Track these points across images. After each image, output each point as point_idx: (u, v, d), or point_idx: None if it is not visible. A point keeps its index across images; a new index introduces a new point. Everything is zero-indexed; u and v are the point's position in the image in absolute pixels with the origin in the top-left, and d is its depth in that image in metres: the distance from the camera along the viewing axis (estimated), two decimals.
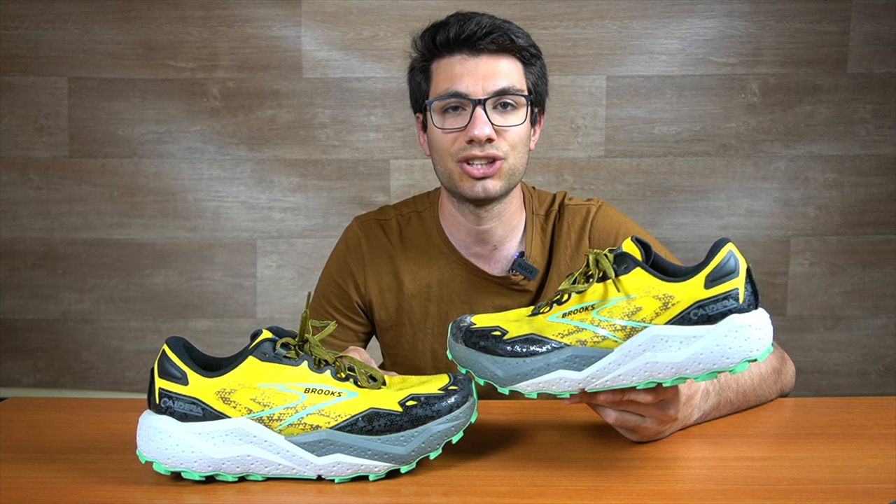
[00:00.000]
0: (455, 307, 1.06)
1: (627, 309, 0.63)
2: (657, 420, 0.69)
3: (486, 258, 1.06)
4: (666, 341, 0.62)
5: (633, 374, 0.63)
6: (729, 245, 0.62)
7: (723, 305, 0.61)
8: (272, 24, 2.10)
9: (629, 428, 0.70)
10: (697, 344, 0.61)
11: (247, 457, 0.63)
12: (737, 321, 0.60)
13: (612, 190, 2.14)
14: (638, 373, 0.63)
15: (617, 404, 0.67)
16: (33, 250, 2.16)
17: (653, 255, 0.66)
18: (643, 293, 0.63)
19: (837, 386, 2.18)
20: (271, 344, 0.64)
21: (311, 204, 2.16)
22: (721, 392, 0.78)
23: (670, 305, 0.62)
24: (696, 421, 0.76)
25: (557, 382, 0.64)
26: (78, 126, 2.13)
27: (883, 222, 2.15)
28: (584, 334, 0.64)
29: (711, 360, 0.61)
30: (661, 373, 0.62)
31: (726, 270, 0.61)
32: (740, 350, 0.60)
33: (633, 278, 0.64)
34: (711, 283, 0.61)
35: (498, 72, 0.96)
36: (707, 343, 0.61)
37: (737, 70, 2.11)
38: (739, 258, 0.62)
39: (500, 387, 0.66)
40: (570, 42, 2.10)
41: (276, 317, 2.17)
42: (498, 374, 0.65)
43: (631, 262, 0.64)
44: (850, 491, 0.61)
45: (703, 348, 0.61)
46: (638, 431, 0.70)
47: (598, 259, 0.66)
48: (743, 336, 0.60)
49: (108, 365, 2.18)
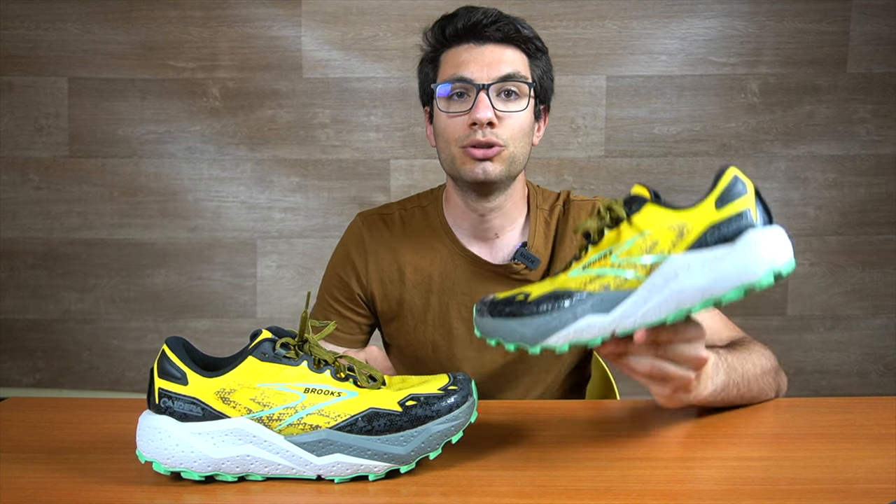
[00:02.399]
0: (456, 298, 1.07)
1: (644, 245, 0.63)
2: (689, 364, 0.68)
3: (489, 247, 1.07)
4: (688, 268, 0.61)
5: (661, 308, 0.62)
6: (732, 169, 0.62)
7: (737, 225, 0.61)
8: (272, 24, 2.10)
9: (663, 377, 0.69)
10: (720, 264, 0.60)
11: (246, 457, 0.63)
12: (755, 235, 0.60)
13: (612, 190, 2.14)
14: (666, 305, 0.62)
15: (651, 347, 0.66)
16: (33, 250, 2.16)
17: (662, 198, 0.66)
18: (657, 227, 0.63)
19: (837, 386, 2.18)
20: (271, 344, 0.64)
21: (311, 204, 2.16)
22: (729, 372, 0.78)
23: (685, 233, 0.62)
24: (710, 395, 0.75)
25: (587, 329, 0.63)
26: (78, 126, 2.13)
27: (883, 222, 2.15)
28: (606, 279, 0.63)
29: (736, 275, 0.60)
30: (689, 299, 0.61)
31: (735, 192, 0.62)
32: (763, 262, 0.59)
33: (644, 215, 0.64)
34: (722, 205, 0.61)
35: (503, 59, 0.99)
36: (729, 261, 0.60)
37: (737, 70, 2.11)
38: (745, 180, 0.62)
39: (530, 346, 0.65)
40: (570, 42, 2.10)
41: (276, 317, 2.17)
42: (526, 333, 0.64)
43: (640, 201, 0.65)
44: (850, 491, 0.61)
45: (727, 267, 0.60)
46: (671, 380, 0.69)
47: (610, 206, 0.66)
48: (764, 247, 0.60)
49: (108, 365, 2.18)
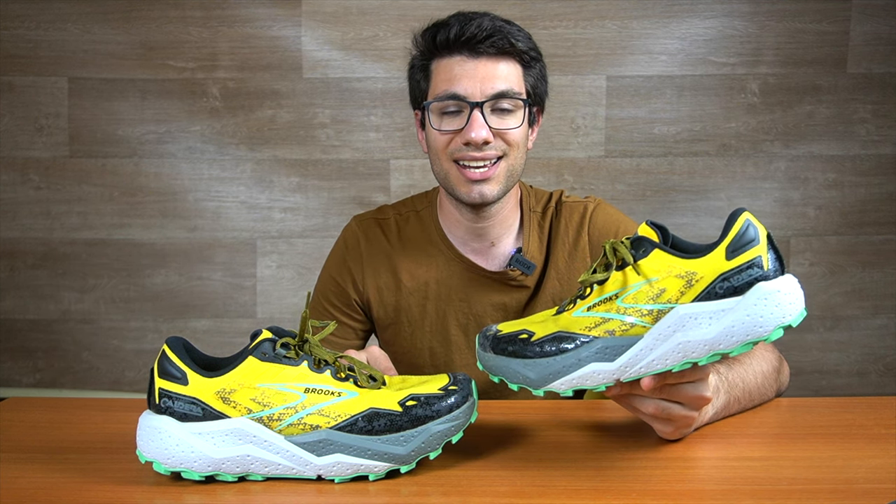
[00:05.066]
0: (453, 305, 1.06)
1: (651, 292, 0.62)
2: (693, 405, 0.68)
3: (484, 255, 1.07)
4: (695, 319, 0.60)
5: (666, 358, 0.61)
6: (745, 214, 0.61)
7: (748, 275, 0.59)
8: (272, 24, 2.10)
9: (667, 417, 0.68)
10: (728, 317, 0.59)
11: (247, 457, 0.63)
12: (765, 288, 0.59)
13: (612, 190, 2.14)
14: (672, 355, 0.61)
15: (657, 391, 0.66)
16: (33, 250, 2.16)
17: (671, 236, 0.65)
18: (665, 274, 0.61)
19: (837, 386, 2.18)
20: (271, 344, 0.64)
21: (311, 204, 2.16)
22: (730, 390, 0.78)
23: (694, 282, 0.60)
24: (710, 419, 0.76)
25: (591, 377, 0.62)
26: (78, 126, 2.13)
27: (883, 222, 2.15)
28: (611, 324, 0.62)
29: (744, 331, 0.59)
30: (696, 352, 0.60)
31: (746, 239, 0.60)
32: (772, 317, 0.58)
33: (652, 261, 0.62)
34: (733, 254, 0.60)
35: (497, 75, 0.96)
36: (737, 315, 0.59)
37: (737, 70, 2.11)
38: (758, 226, 0.61)
39: (533, 389, 0.64)
40: (570, 42, 2.10)
41: (276, 317, 2.17)
42: (530, 376, 0.64)
43: (649, 245, 0.63)
44: (850, 491, 0.61)
45: (735, 321, 0.59)
46: (675, 420, 0.69)
47: (616, 247, 0.65)
48: (774, 303, 0.58)
49: (108, 365, 2.18)
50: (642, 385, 0.63)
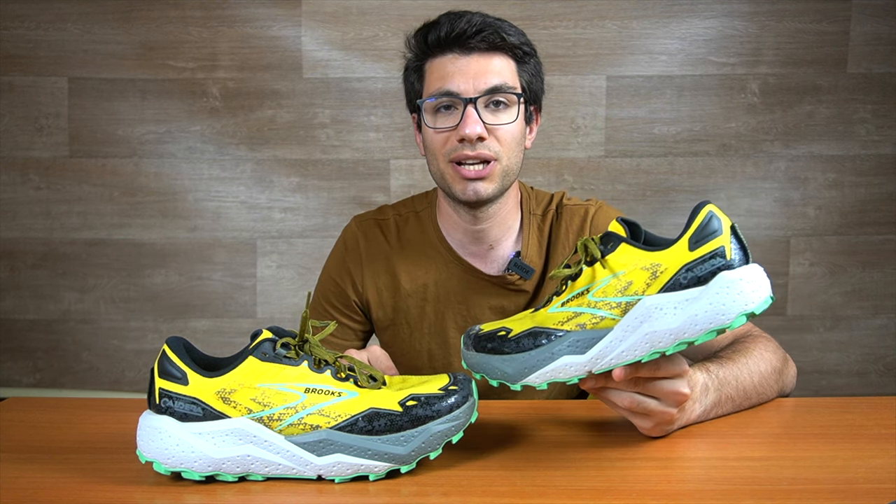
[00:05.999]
0: (452, 307, 1.06)
1: (619, 285, 0.64)
2: (670, 400, 0.69)
3: (483, 258, 1.06)
4: (660, 309, 0.62)
5: (635, 349, 0.63)
6: (709, 206, 0.63)
7: (711, 265, 0.61)
8: (272, 24, 2.10)
9: (644, 412, 0.69)
10: (692, 307, 0.61)
11: (247, 457, 0.63)
12: (727, 277, 0.61)
13: (612, 190, 2.14)
14: (640, 346, 0.63)
15: (631, 384, 0.67)
16: (33, 250, 2.16)
17: (643, 232, 0.67)
18: (631, 267, 0.64)
19: (837, 386, 2.18)
20: (271, 344, 0.64)
21: (311, 204, 2.16)
22: (721, 388, 0.78)
23: (659, 274, 0.63)
24: (699, 417, 0.76)
25: (564, 369, 0.65)
26: (78, 126, 2.13)
27: (883, 222, 2.15)
28: (582, 318, 0.65)
29: (707, 319, 0.61)
30: (662, 341, 0.62)
31: (709, 231, 0.62)
32: (734, 305, 0.60)
33: (619, 255, 0.65)
34: (695, 245, 0.62)
35: (489, 70, 0.95)
36: (701, 304, 0.61)
37: (737, 70, 2.11)
38: (722, 217, 0.63)
39: (511, 384, 0.66)
40: (570, 42, 2.10)
41: (276, 317, 2.17)
42: (507, 371, 0.66)
43: (616, 240, 0.66)
44: (850, 491, 0.61)
45: (698, 310, 0.61)
46: (653, 416, 0.69)
47: (587, 244, 0.67)
48: (736, 291, 0.60)
49: (108, 365, 2.18)
50: (614, 376, 0.65)
